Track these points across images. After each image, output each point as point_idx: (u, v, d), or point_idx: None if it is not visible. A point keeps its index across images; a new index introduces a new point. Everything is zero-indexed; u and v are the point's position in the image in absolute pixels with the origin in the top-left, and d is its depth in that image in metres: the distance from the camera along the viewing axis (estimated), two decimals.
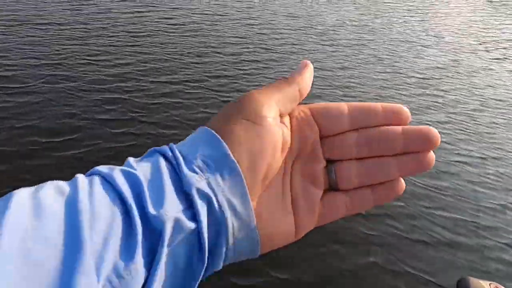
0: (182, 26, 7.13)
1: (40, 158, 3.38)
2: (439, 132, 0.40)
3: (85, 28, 6.49)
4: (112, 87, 4.65)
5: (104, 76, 4.90)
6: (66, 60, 5.25)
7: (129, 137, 3.76)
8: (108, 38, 6.14)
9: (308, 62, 0.43)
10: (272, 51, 6.49)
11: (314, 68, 0.43)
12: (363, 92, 5.49)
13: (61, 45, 5.76)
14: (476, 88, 6.17)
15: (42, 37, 5.99)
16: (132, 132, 3.84)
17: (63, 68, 5.03)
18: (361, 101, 5.28)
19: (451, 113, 5.34)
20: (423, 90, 5.87)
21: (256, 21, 7.91)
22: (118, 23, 6.78)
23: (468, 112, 5.42)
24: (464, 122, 5.13)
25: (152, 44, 6.10)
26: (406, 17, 9.43)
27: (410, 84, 6.01)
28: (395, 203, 3.35)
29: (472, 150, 4.51)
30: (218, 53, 6.07)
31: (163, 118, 4.13)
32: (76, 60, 5.29)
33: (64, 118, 3.92)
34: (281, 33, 7.38)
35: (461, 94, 5.91)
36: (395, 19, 9.22)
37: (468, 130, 4.93)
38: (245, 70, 5.62)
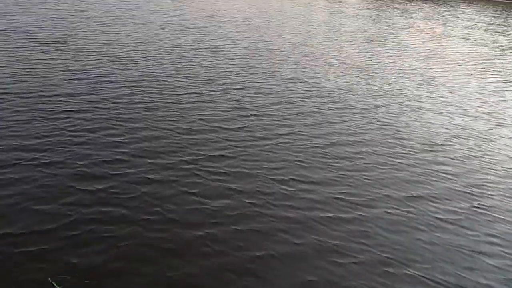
0: (178, 88, 6.97)
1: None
2: (453, 211, 0.24)
3: (74, 81, 6.28)
4: (90, 163, 4.33)
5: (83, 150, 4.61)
6: (42, 112, 4.98)
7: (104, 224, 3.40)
8: (93, 92, 5.92)
9: None
10: (271, 118, 6.26)
11: (318, 134, 0.34)
12: (368, 164, 5.19)
13: (45, 92, 5.52)
14: (486, 155, 5.90)
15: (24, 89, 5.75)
16: (108, 220, 3.48)
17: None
18: (363, 175, 5.02)
19: (462, 185, 5.01)
20: (430, 158, 5.59)
21: (254, 86, 7.77)
22: (106, 78, 6.60)
23: (482, 184, 5.09)
24: (478, 198, 4.78)
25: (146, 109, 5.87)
26: (407, 82, 9.37)
27: (416, 151, 5.74)
28: None
29: (495, 235, 4.12)
30: (211, 132, 5.81)
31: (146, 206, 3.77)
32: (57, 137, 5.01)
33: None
34: (281, 98, 7.20)
35: (472, 162, 5.62)
36: (396, 82, 9.14)
37: (483, 208, 4.57)
38: (242, 147, 5.34)
